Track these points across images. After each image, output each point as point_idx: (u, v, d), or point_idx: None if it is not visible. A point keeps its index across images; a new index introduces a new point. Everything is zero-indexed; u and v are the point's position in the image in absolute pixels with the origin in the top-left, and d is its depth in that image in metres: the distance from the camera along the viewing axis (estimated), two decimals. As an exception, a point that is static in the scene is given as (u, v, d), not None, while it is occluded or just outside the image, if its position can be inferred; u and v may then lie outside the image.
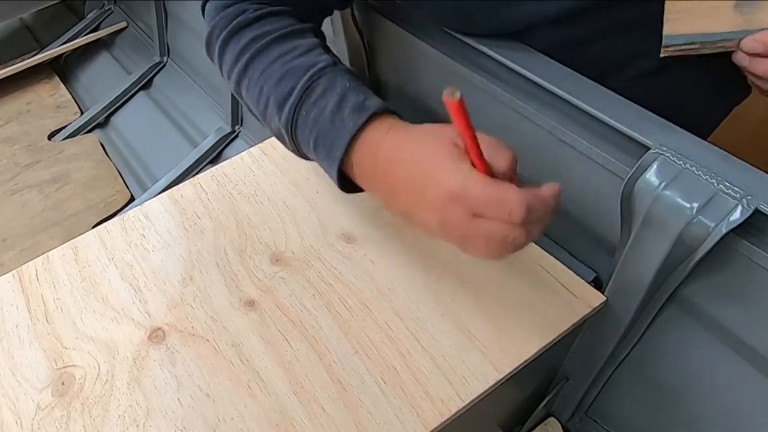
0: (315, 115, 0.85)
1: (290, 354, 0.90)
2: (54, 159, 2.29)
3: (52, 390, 0.89)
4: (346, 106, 0.83)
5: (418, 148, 0.76)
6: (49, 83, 2.62)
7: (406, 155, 0.77)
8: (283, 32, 0.93)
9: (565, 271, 0.98)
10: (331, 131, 0.83)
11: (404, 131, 0.80)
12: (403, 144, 0.78)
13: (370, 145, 0.82)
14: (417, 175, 0.75)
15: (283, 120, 0.89)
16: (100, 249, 1.06)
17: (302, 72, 0.87)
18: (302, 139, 0.88)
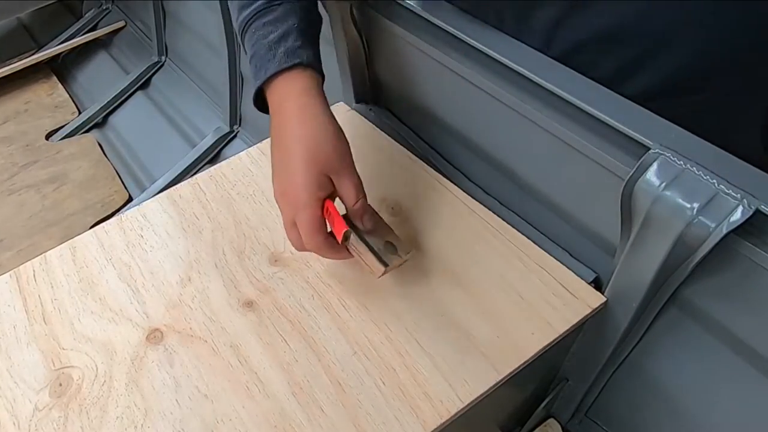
0: (260, 35, 0.96)
1: (289, 355, 0.90)
2: (51, 159, 2.29)
3: (49, 391, 0.89)
4: (283, 44, 0.94)
5: (302, 149, 0.89)
6: (46, 83, 2.62)
7: (294, 138, 0.91)
8: None
9: (565, 271, 0.98)
10: (263, 58, 0.95)
11: (309, 114, 0.92)
12: (299, 127, 0.91)
13: (281, 92, 0.94)
14: (287, 162, 0.91)
15: (238, 23, 1.00)
16: (98, 249, 1.05)
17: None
18: (246, 46, 1.00)
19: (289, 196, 0.90)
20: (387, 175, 1.12)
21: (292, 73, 0.93)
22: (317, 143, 0.89)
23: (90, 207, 2.11)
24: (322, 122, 0.91)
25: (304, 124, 0.91)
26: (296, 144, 0.90)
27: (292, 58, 0.93)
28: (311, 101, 0.93)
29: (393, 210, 1.06)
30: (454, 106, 1.11)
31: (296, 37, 0.95)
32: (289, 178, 0.90)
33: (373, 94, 1.32)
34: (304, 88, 0.93)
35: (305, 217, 0.88)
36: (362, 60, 1.25)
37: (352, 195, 0.91)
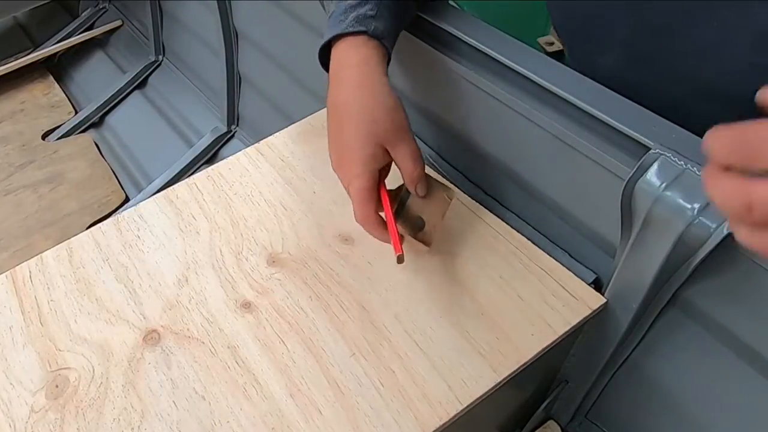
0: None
1: (287, 356, 0.90)
2: (48, 159, 2.29)
3: (45, 393, 0.89)
4: (358, 9, 0.94)
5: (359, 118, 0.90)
6: (43, 82, 2.62)
7: (351, 107, 0.91)
8: None
9: (565, 272, 0.98)
10: (336, 18, 0.95)
11: (368, 83, 0.92)
12: (356, 96, 0.91)
13: (341, 56, 0.95)
14: (343, 130, 0.92)
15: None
16: (95, 250, 1.05)
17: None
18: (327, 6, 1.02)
19: (343, 167, 0.92)
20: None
21: (356, 39, 0.94)
22: (373, 114, 0.90)
23: (87, 207, 2.11)
24: (379, 92, 0.91)
25: (361, 93, 0.91)
26: (352, 114, 0.91)
27: (359, 25, 0.93)
28: (369, 71, 0.92)
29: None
30: (452, 106, 1.11)
31: (373, 6, 0.94)
32: (344, 148, 0.92)
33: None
34: (364, 57, 0.93)
35: (355, 187, 0.90)
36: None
37: (410, 165, 0.92)
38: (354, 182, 0.90)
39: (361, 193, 0.89)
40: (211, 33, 1.99)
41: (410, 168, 0.92)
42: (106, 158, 2.31)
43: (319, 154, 1.17)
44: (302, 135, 1.22)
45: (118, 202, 2.14)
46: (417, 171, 0.93)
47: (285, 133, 1.23)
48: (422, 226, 0.96)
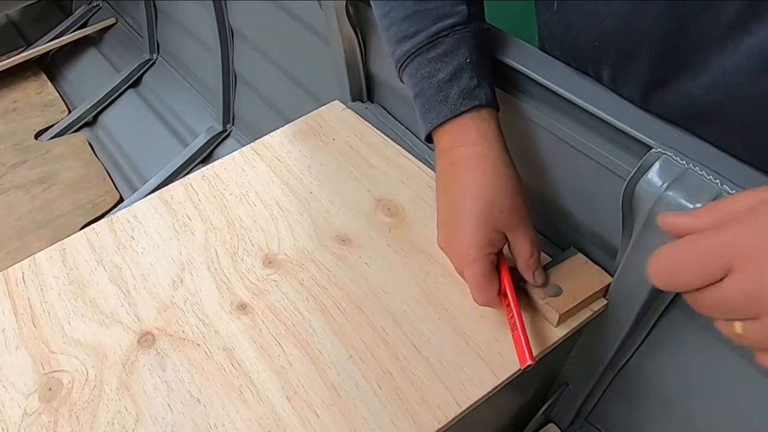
0: (426, 73, 0.90)
1: (283, 359, 0.90)
2: (41, 159, 2.28)
3: (39, 395, 0.89)
4: (456, 83, 0.88)
5: (476, 198, 0.86)
6: (35, 81, 2.62)
7: (466, 186, 0.87)
8: None
9: (565, 273, 0.98)
10: (433, 99, 0.89)
11: (486, 162, 0.88)
12: (473, 175, 0.87)
13: (456, 137, 0.89)
14: (457, 210, 0.88)
15: (395, 56, 0.94)
16: (88, 251, 1.05)
17: (431, 21, 0.90)
18: (406, 82, 0.94)
19: (457, 250, 0.89)
20: (383, 174, 1.12)
21: (467, 116, 0.89)
22: (492, 198, 0.86)
23: (80, 208, 2.11)
24: (499, 175, 0.87)
25: (478, 174, 0.87)
26: (469, 195, 0.87)
27: (470, 100, 0.88)
28: (488, 149, 0.88)
29: (389, 211, 1.06)
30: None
31: (471, 74, 0.89)
32: (459, 231, 0.87)
33: (369, 91, 1.32)
34: (481, 134, 0.88)
35: (473, 273, 0.86)
36: (358, 57, 1.25)
37: (526, 251, 0.89)
38: (469, 269, 0.87)
39: (479, 279, 0.86)
40: (207, 31, 1.99)
41: (527, 254, 0.89)
42: (100, 158, 2.30)
43: (316, 153, 1.17)
44: (299, 134, 1.22)
45: (112, 202, 2.14)
46: (534, 257, 0.90)
47: (281, 133, 1.23)
48: (557, 293, 0.92)
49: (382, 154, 1.16)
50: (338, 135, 1.21)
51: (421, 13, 0.90)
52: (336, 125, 1.23)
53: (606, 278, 0.93)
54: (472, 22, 0.91)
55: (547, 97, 0.93)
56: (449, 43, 0.89)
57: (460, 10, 0.90)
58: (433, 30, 0.89)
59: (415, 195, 1.09)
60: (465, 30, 0.90)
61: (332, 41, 1.26)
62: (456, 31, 0.89)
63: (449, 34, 0.89)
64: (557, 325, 0.92)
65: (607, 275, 0.94)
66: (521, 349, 0.84)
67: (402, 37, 0.92)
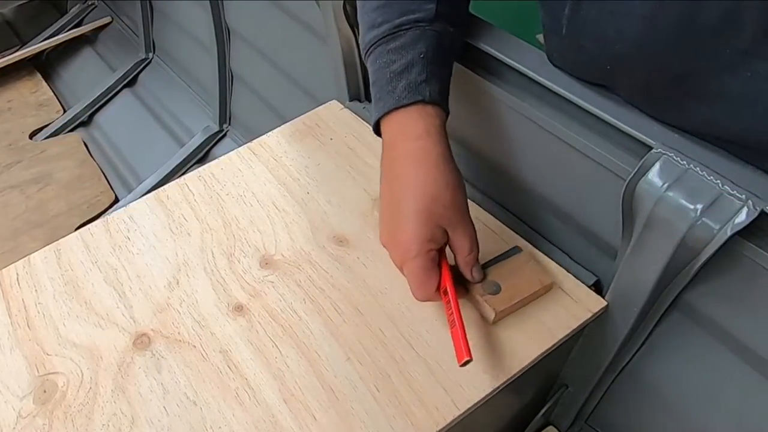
0: (383, 63, 0.91)
1: (280, 360, 0.90)
2: (36, 159, 2.28)
3: (33, 398, 0.88)
4: (406, 76, 0.89)
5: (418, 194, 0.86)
6: (30, 80, 2.62)
7: (408, 181, 0.87)
8: None
9: (565, 274, 0.98)
10: (384, 89, 0.90)
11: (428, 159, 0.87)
12: (416, 171, 0.87)
13: (399, 129, 0.90)
14: (399, 206, 0.87)
15: (363, 43, 0.96)
16: (84, 252, 1.05)
17: (397, 14, 0.92)
18: (369, 70, 0.95)
19: (398, 245, 0.88)
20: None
21: (411, 109, 0.89)
22: (433, 194, 0.86)
23: (75, 208, 2.11)
24: (441, 171, 0.87)
25: (419, 170, 0.87)
26: (410, 191, 0.87)
27: (413, 95, 0.88)
28: (429, 144, 0.88)
29: (387, 211, 1.06)
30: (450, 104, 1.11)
31: (421, 69, 0.89)
32: (400, 226, 0.87)
33: (367, 91, 1.32)
34: (423, 129, 0.88)
35: (413, 268, 0.86)
36: (355, 56, 1.25)
37: (465, 248, 0.89)
38: (409, 264, 0.86)
39: (419, 274, 0.86)
40: (203, 30, 1.99)
41: (465, 250, 0.89)
42: (95, 158, 2.31)
43: (313, 153, 1.17)
44: (296, 134, 1.22)
45: (108, 202, 2.14)
46: (472, 254, 0.90)
47: (278, 133, 1.23)
48: (496, 291, 0.93)
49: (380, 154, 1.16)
50: (336, 135, 1.21)
51: (391, 5, 0.92)
52: (333, 125, 1.23)
53: (547, 278, 0.94)
54: (437, 22, 0.91)
55: (546, 97, 0.92)
56: (409, 36, 0.90)
57: (428, 8, 0.91)
58: (396, 22, 0.91)
59: (413, 195, 1.08)
60: (427, 27, 0.91)
61: (330, 40, 1.25)
62: (418, 27, 0.91)
63: (411, 28, 0.91)
64: (493, 323, 0.92)
65: (549, 275, 0.95)
66: (459, 346, 0.83)
67: (370, 26, 0.94)
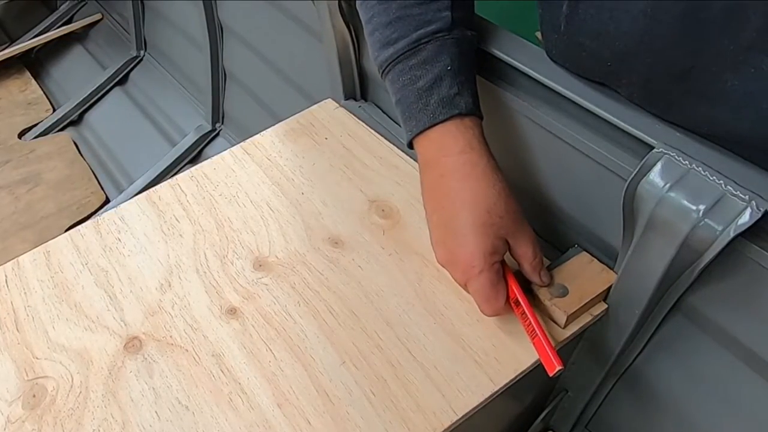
0: (406, 80, 0.90)
1: (274, 365, 0.90)
2: (24, 159, 2.28)
3: (22, 402, 0.88)
4: (436, 91, 0.88)
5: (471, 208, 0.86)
6: (19, 78, 2.62)
7: (459, 196, 0.87)
8: None
9: (565, 276, 0.98)
10: (413, 106, 0.90)
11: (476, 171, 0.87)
12: (465, 185, 0.87)
13: (440, 146, 0.89)
14: (453, 222, 0.87)
15: (378, 61, 0.95)
16: (74, 253, 1.05)
17: (413, 28, 0.90)
18: (389, 88, 0.94)
19: (459, 263, 0.88)
20: (377, 174, 1.12)
21: (448, 124, 0.88)
22: (489, 205, 0.86)
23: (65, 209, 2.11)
24: (490, 181, 0.87)
25: (469, 183, 0.87)
26: (463, 206, 0.86)
27: (449, 110, 0.88)
28: (475, 157, 0.88)
29: (383, 212, 1.06)
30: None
31: (451, 81, 0.89)
32: (459, 244, 0.87)
33: (363, 89, 1.32)
34: (465, 142, 0.88)
35: (479, 284, 0.86)
36: (351, 54, 1.25)
37: (530, 253, 0.89)
38: (474, 280, 0.86)
39: (487, 290, 0.86)
40: (195, 27, 1.99)
41: (530, 256, 0.89)
42: (86, 158, 2.30)
43: (308, 153, 1.17)
44: (290, 134, 1.22)
45: (98, 203, 2.14)
46: (538, 258, 0.90)
47: (272, 132, 1.23)
48: (564, 294, 0.92)
49: (376, 154, 1.16)
50: (331, 134, 1.21)
51: (403, 19, 0.91)
52: (328, 124, 1.23)
53: (611, 276, 0.93)
54: (455, 29, 0.91)
55: (546, 96, 0.93)
56: (430, 50, 0.89)
57: (443, 16, 0.90)
58: (414, 36, 0.90)
59: (409, 196, 1.08)
60: (447, 37, 0.90)
61: (325, 38, 1.25)
62: (438, 38, 0.89)
63: (430, 41, 0.89)
64: (564, 326, 0.92)
65: (612, 273, 0.93)
66: (547, 356, 0.84)
67: (385, 43, 0.92)
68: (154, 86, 2.42)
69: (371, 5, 0.94)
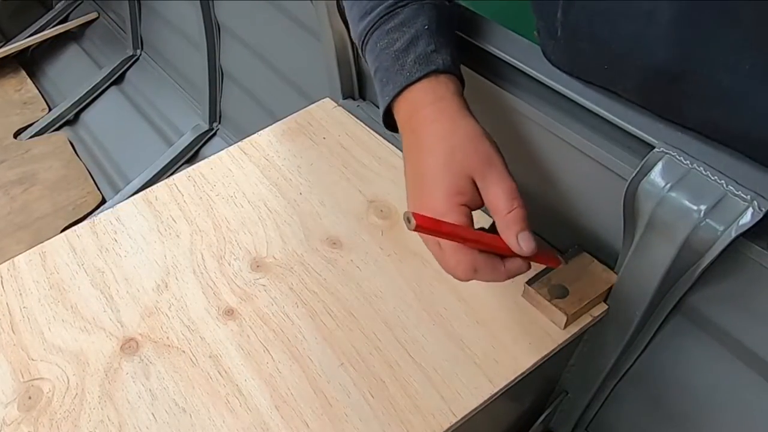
0: (384, 44, 0.88)
1: (271, 366, 0.89)
2: (20, 159, 2.28)
3: (18, 404, 0.88)
4: (413, 50, 0.86)
5: (437, 150, 0.80)
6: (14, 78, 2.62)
7: (427, 143, 0.81)
8: None
9: (565, 277, 0.98)
10: (391, 69, 0.86)
11: (445, 116, 0.82)
12: (433, 131, 0.82)
13: (413, 102, 0.85)
14: (421, 171, 0.81)
15: (357, 34, 0.93)
16: (70, 254, 1.05)
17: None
18: (368, 60, 0.92)
19: (425, 211, 0.76)
20: (376, 174, 1.12)
21: (425, 82, 0.84)
22: (453, 144, 0.79)
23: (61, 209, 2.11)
24: (458, 124, 0.81)
25: (435, 126, 0.81)
26: (430, 151, 0.80)
27: (426, 65, 0.84)
28: (446, 104, 0.83)
29: (382, 212, 1.06)
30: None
31: (428, 40, 0.85)
32: (425, 189, 0.79)
33: (361, 88, 1.32)
34: (441, 95, 0.83)
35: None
36: (349, 53, 1.25)
37: (501, 202, 0.77)
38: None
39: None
40: (192, 26, 1.99)
41: (502, 207, 0.77)
42: (82, 158, 2.30)
43: (305, 153, 1.17)
44: (287, 133, 1.22)
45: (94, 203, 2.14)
46: (514, 213, 0.77)
47: (269, 131, 1.23)
48: (564, 294, 0.91)
49: (375, 154, 1.16)
50: (329, 134, 1.21)
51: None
52: (326, 123, 1.23)
53: (612, 277, 0.93)
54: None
55: (546, 95, 0.92)
56: (408, 12, 0.88)
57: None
58: (391, 1, 0.88)
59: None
60: (425, 1, 0.89)
61: (323, 37, 1.25)
62: (415, 1, 0.88)
63: (408, 3, 0.88)
64: (564, 327, 0.91)
65: (613, 274, 0.93)
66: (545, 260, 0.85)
67: (363, 14, 0.91)
68: (151, 85, 2.42)
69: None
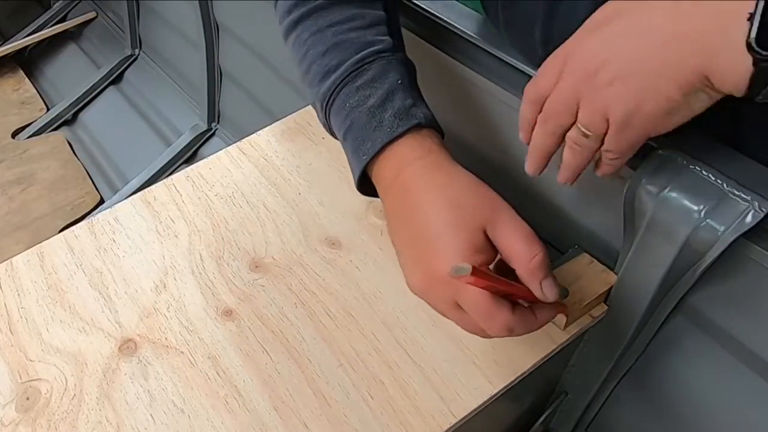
0: (355, 102, 0.83)
1: (270, 367, 0.89)
2: (18, 159, 2.28)
3: (16, 405, 0.88)
4: (390, 105, 0.81)
5: (439, 206, 0.74)
6: (12, 77, 2.61)
7: (425, 199, 0.76)
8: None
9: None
10: (366, 128, 0.82)
11: (437, 169, 0.78)
12: (428, 185, 0.77)
13: (399, 159, 0.80)
14: (423, 232, 0.75)
15: (320, 94, 0.87)
16: (68, 254, 1.05)
17: (355, 50, 0.85)
18: (334, 122, 0.87)
19: (438, 277, 0.71)
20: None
21: (409, 137, 0.80)
22: (456, 198, 0.74)
23: (59, 209, 2.11)
24: (453, 177, 0.77)
25: (431, 184, 0.76)
26: (431, 207, 0.74)
27: (407, 120, 0.80)
28: (439, 156, 0.79)
29: (381, 213, 1.06)
30: (446, 101, 1.11)
31: (404, 94, 0.82)
32: (433, 253, 0.72)
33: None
34: (428, 148, 0.79)
35: (470, 295, 0.70)
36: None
37: (520, 249, 0.71)
38: (465, 293, 0.70)
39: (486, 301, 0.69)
40: (191, 25, 1.99)
41: (522, 255, 0.71)
42: (80, 158, 2.30)
43: (305, 153, 1.17)
44: (287, 133, 1.22)
45: (93, 203, 2.14)
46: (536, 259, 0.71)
47: (268, 131, 1.23)
48: (564, 296, 0.86)
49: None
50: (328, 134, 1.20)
51: (341, 44, 0.86)
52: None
53: (612, 277, 0.93)
54: (397, 51, 0.87)
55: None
56: (377, 68, 0.84)
57: (384, 39, 0.87)
58: (357, 57, 0.85)
59: (408, 196, 1.08)
60: (392, 57, 0.86)
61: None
62: (383, 57, 0.85)
63: (375, 59, 0.85)
64: (564, 328, 0.91)
65: (613, 275, 0.93)
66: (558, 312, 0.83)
67: (324, 73, 0.87)
68: (149, 85, 2.42)
69: (303, 39, 0.90)
